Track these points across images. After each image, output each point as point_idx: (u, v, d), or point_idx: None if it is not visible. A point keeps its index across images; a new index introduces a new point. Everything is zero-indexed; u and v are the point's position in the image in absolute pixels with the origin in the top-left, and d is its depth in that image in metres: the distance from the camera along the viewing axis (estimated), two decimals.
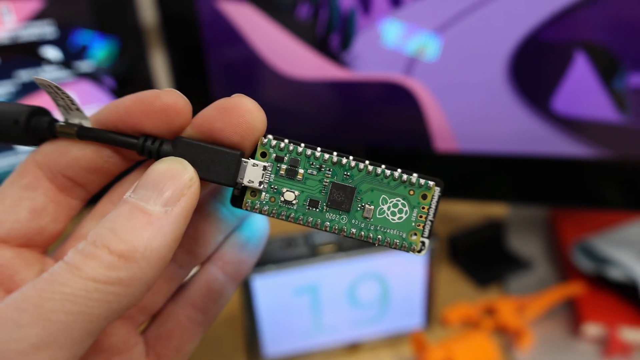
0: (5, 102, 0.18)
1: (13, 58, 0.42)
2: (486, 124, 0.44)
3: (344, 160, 0.17)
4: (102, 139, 0.17)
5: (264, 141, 0.17)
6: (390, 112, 0.47)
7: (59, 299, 0.13)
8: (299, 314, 0.40)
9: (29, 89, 0.43)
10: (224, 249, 0.21)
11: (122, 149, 0.18)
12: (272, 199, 0.17)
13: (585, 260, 0.46)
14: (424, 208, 0.18)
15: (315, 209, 0.17)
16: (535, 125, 0.43)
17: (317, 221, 0.17)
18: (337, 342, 0.42)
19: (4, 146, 0.43)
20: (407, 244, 0.18)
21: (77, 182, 0.18)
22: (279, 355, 0.41)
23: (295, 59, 0.46)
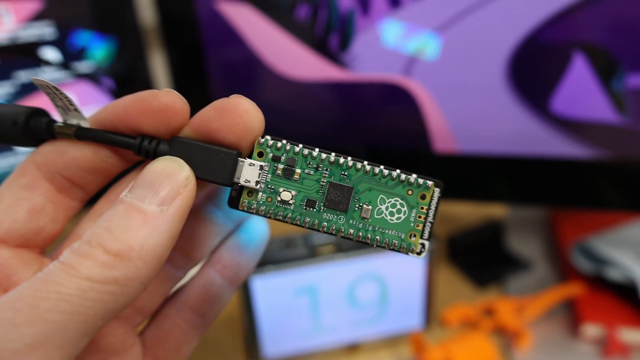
0: (4, 104, 0.18)
1: (12, 59, 0.42)
2: (485, 125, 0.44)
3: (342, 160, 0.17)
4: (99, 139, 0.17)
5: (260, 141, 0.17)
6: (390, 112, 0.47)
7: (54, 298, 0.13)
8: (298, 315, 0.40)
9: (28, 90, 0.43)
10: (222, 253, 0.21)
11: (121, 149, 0.18)
12: (269, 199, 0.17)
13: (584, 260, 0.46)
14: (422, 208, 0.17)
15: (312, 209, 0.17)
16: (534, 126, 0.43)
17: (315, 221, 0.17)
18: (337, 343, 0.42)
19: (3, 147, 0.43)
20: (405, 245, 0.17)
21: (76, 182, 0.18)
22: (278, 356, 0.41)
23: (294, 60, 0.46)
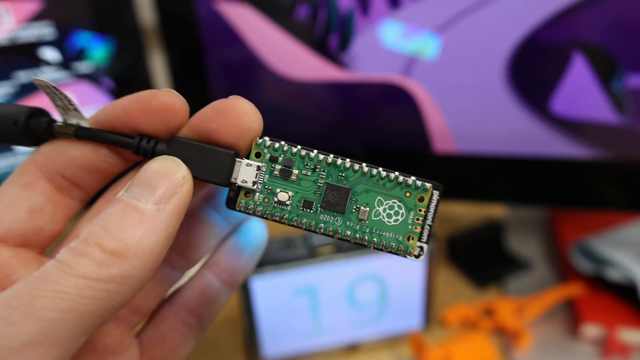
0: (4, 104, 0.18)
1: (12, 59, 0.42)
2: (485, 125, 0.44)
3: (339, 161, 0.17)
4: (99, 138, 0.17)
5: (258, 141, 0.17)
6: (389, 113, 0.47)
7: (50, 296, 0.13)
8: (297, 315, 0.40)
9: (28, 90, 0.43)
10: (220, 256, 0.21)
11: (120, 149, 0.18)
12: (266, 200, 0.17)
13: (584, 261, 0.46)
14: (421, 211, 0.17)
15: (309, 210, 0.17)
16: (534, 126, 0.43)
17: (311, 223, 0.17)
18: (336, 343, 0.42)
19: (3, 147, 0.43)
20: (403, 248, 0.17)
21: (75, 182, 0.18)
22: (277, 356, 0.41)
23: (293, 60, 0.46)
